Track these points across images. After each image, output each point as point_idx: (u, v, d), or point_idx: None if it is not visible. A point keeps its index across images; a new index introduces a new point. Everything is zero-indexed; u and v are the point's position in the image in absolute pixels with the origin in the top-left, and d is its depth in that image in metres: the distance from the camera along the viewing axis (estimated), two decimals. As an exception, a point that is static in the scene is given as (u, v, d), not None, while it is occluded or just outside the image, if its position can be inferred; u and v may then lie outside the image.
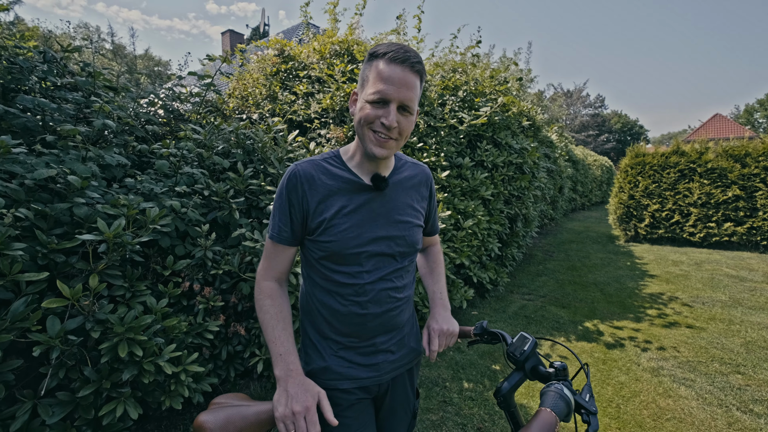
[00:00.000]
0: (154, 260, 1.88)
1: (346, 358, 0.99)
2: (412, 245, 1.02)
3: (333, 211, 0.93)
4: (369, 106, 0.87)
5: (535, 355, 0.88)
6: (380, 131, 0.87)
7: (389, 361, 1.03)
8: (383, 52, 0.85)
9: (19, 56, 2.18)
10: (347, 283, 0.95)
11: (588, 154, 15.35)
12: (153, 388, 1.66)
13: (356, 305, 0.96)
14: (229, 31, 20.61)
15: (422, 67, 0.89)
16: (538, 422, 0.65)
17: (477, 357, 3.08)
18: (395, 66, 0.84)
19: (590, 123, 37.49)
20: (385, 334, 1.02)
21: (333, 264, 0.95)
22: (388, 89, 0.84)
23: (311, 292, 1.02)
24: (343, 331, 0.99)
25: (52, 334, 1.30)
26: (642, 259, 6.68)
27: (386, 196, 0.99)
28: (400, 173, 1.04)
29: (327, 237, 0.93)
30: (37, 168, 1.48)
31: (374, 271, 0.96)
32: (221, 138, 2.53)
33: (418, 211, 1.07)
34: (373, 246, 0.96)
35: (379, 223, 0.97)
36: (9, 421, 1.29)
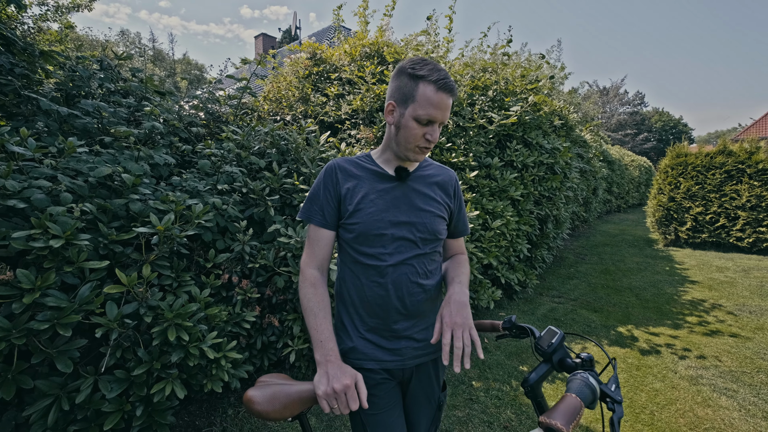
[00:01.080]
0: (197, 253, 2.01)
1: (371, 341, 1.07)
2: (434, 233, 1.09)
3: (360, 196, 1.06)
4: (415, 123, 0.99)
5: (563, 347, 0.91)
6: (425, 146, 1.02)
7: (412, 347, 1.08)
8: (432, 79, 0.95)
9: (79, 65, 2.40)
10: (371, 265, 1.05)
11: (625, 154, 14.68)
12: (196, 372, 1.79)
13: (378, 286, 1.05)
14: (262, 35, 21.26)
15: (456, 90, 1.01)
16: (563, 405, 0.67)
17: (504, 357, 3.07)
18: (443, 94, 0.96)
19: (628, 121, 35.71)
20: (408, 320, 1.08)
21: (359, 245, 1.06)
22: (438, 114, 0.97)
23: (343, 277, 1.12)
24: (367, 313, 1.07)
25: (111, 318, 1.43)
26: (682, 264, 6.34)
27: (409, 186, 1.10)
28: (424, 170, 1.15)
29: (355, 219, 1.05)
30: (97, 166, 1.64)
31: (396, 254, 1.05)
32: (257, 139, 2.66)
33: (441, 204, 1.14)
34: (395, 230, 1.05)
35: (402, 209, 1.07)
36: (74, 394, 1.44)
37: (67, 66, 2.34)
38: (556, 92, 6.04)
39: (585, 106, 15.77)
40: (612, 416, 0.72)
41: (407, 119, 0.99)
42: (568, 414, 0.65)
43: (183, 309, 1.59)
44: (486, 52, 4.36)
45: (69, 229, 1.30)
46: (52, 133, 1.90)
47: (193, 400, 2.22)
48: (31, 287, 1.20)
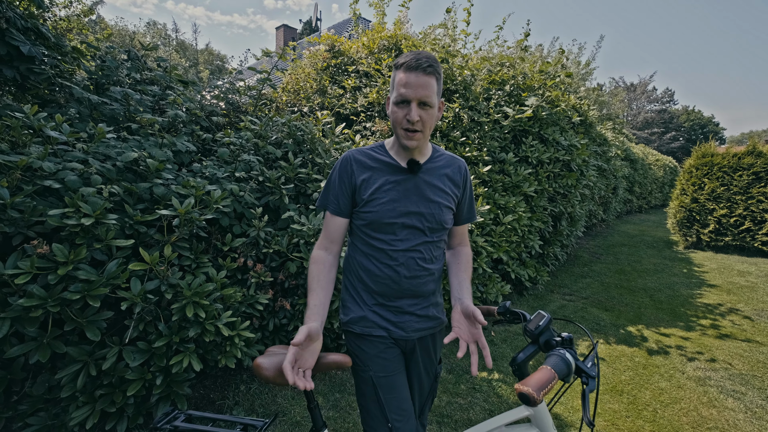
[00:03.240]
0: (215, 237, 2.12)
1: (378, 313, 1.16)
2: (441, 223, 1.16)
3: (374, 187, 1.13)
4: (395, 107, 1.06)
5: (549, 330, 0.96)
6: (407, 127, 1.05)
7: (414, 321, 1.17)
8: (402, 63, 1.04)
9: (108, 55, 2.52)
10: (383, 249, 1.13)
11: (649, 153, 14.23)
12: (212, 348, 1.90)
13: (389, 268, 1.13)
14: (283, 26, 21.39)
15: (434, 69, 1.04)
16: (537, 375, 0.74)
17: (510, 350, 3.10)
18: (411, 73, 1.02)
19: (655, 119, 34.39)
20: (411, 298, 1.16)
21: (372, 231, 1.14)
22: (407, 92, 1.02)
23: (353, 256, 1.21)
24: (375, 290, 1.16)
25: (135, 293, 1.54)
26: (702, 267, 6.18)
27: (419, 178, 1.15)
28: (435, 162, 1.20)
29: (368, 208, 1.13)
30: (125, 152, 1.75)
31: (406, 240, 1.13)
32: (275, 129, 2.74)
33: (449, 195, 1.19)
34: (406, 219, 1.12)
35: (412, 200, 1.13)
36: (101, 361, 1.56)
37: (97, 56, 2.47)
38: (581, 86, 5.91)
39: (610, 103, 15.32)
40: (584, 388, 0.78)
41: (390, 106, 1.09)
42: (540, 383, 0.72)
43: (201, 288, 1.69)
44: (503, 46, 4.32)
45: (98, 209, 1.41)
46: (83, 119, 2.03)
47: (208, 375, 2.35)
48: (65, 261, 1.31)
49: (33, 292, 1.26)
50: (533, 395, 0.72)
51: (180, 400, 1.74)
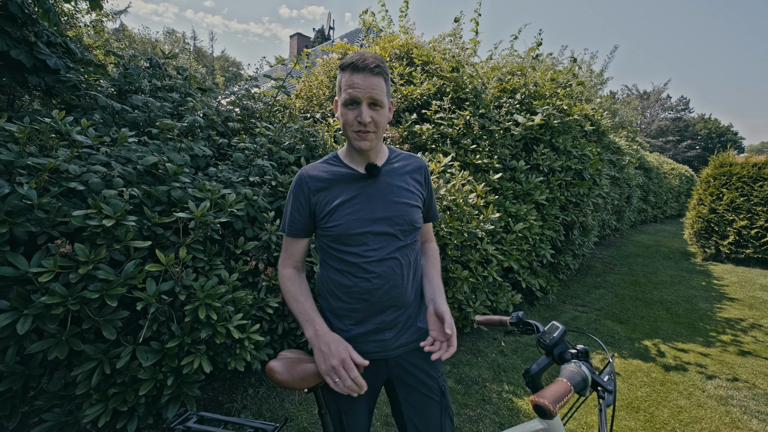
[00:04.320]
0: (228, 240, 2.15)
1: (357, 334, 1.10)
2: (412, 224, 1.12)
3: (335, 200, 1.08)
4: (345, 108, 1.03)
5: (564, 342, 0.94)
6: (359, 129, 1.02)
7: (398, 338, 1.12)
8: (347, 64, 1.01)
9: (131, 62, 2.61)
10: (356, 263, 1.08)
11: (664, 162, 13.97)
12: (222, 350, 1.92)
13: (365, 281, 1.07)
14: (297, 35, 21.80)
15: (381, 69, 1.01)
16: (552, 387, 0.73)
17: (521, 362, 3.05)
18: (358, 74, 0.99)
19: (670, 127, 33.78)
20: (393, 311, 1.11)
21: (342, 245, 1.08)
22: (355, 92, 0.99)
23: (326, 275, 1.15)
24: (354, 307, 1.10)
25: (150, 293, 1.58)
26: (721, 281, 6.00)
27: (381, 182, 1.12)
28: (393, 163, 1.17)
29: (333, 222, 1.07)
30: (145, 155, 1.80)
31: (380, 249, 1.08)
32: (288, 135, 2.79)
33: (415, 194, 1.17)
34: (375, 226, 1.08)
35: (378, 205, 1.09)
36: (115, 360, 1.60)
37: (121, 64, 2.56)
38: (594, 95, 5.87)
39: (623, 111, 15.12)
40: (600, 403, 0.76)
41: (339, 108, 1.06)
42: (556, 395, 0.70)
43: (213, 290, 1.72)
44: (515, 55, 4.33)
45: (119, 211, 1.45)
46: (107, 124, 2.10)
47: (217, 378, 2.37)
48: (86, 260, 1.35)
49: (55, 290, 1.30)
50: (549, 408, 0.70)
51: (190, 401, 1.76)
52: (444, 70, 3.88)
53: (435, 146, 3.58)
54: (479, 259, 3.15)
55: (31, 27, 2.22)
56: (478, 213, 3.11)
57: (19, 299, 1.28)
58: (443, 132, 3.60)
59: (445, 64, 3.89)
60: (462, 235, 2.94)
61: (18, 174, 1.44)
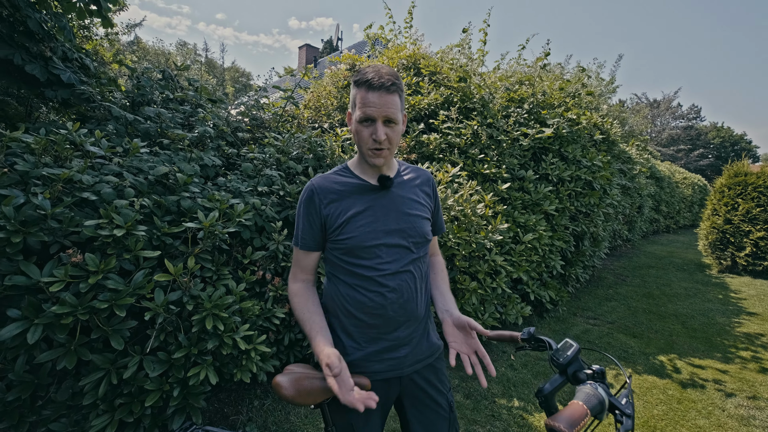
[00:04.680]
0: (236, 249, 2.16)
1: (370, 352, 1.08)
2: (423, 236, 1.12)
3: (347, 212, 1.06)
4: (360, 126, 1.02)
5: (578, 360, 0.91)
6: (374, 146, 1.02)
7: (411, 355, 1.10)
8: (363, 81, 1.00)
9: (144, 75, 2.67)
10: (369, 276, 1.05)
11: (676, 171, 13.75)
12: (228, 361, 1.91)
13: (379, 295, 1.05)
14: (306, 45, 22.20)
15: (396, 86, 1.01)
16: (568, 411, 0.69)
17: (531, 376, 2.98)
18: (374, 92, 0.98)
19: (681, 136, 33.37)
20: (407, 327, 1.09)
21: (354, 258, 1.06)
22: (371, 110, 0.99)
23: (336, 290, 1.12)
24: (367, 323, 1.07)
25: (158, 303, 1.58)
26: (739, 294, 5.83)
27: (393, 193, 1.11)
28: (404, 175, 1.18)
29: (345, 235, 1.05)
30: (156, 166, 1.82)
31: (393, 261, 1.07)
32: (296, 145, 2.81)
33: (425, 206, 1.17)
34: (388, 238, 1.06)
35: (391, 217, 1.08)
36: (122, 370, 1.59)
37: (134, 76, 2.62)
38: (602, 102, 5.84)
39: (632, 120, 14.97)
40: (619, 428, 0.72)
41: (354, 124, 1.05)
42: (572, 419, 0.67)
43: (221, 300, 1.71)
44: (523, 65, 4.33)
45: (130, 221, 1.47)
46: (120, 135, 2.14)
47: (223, 389, 2.36)
48: (96, 270, 1.36)
49: (65, 300, 1.31)
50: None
51: (195, 413, 1.74)
52: (451, 80, 3.89)
53: (442, 156, 3.58)
54: (488, 270, 3.11)
55: (48, 43, 2.29)
56: (486, 223, 3.08)
57: (31, 308, 1.29)
58: (451, 142, 3.60)
59: (453, 74, 3.91)
60: (470, 246, 2.91)
61: (33, 184, 1.47)
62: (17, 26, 2.21)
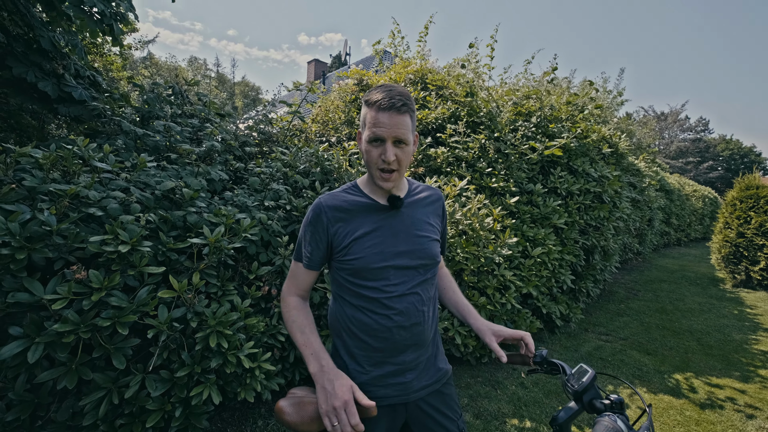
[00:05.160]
0: (242, 264, 2.13)
1: (375, 376, 1.04)
2: (432, 257, 1.09)
3: (355, 232, 1.03)
4: (369, 145, 1.00)
5: (594, 387, 0.87)
6: (383, 167, 1.00)
7: (418, 380, 1.07)
8: (373, 100, 0.98)
9: (152, 92, 2.71)
10: (375, 298, 1.02)
11: (686, 183, 13.59)
12: (232, 379, 1.87)
13: (385, 318, 1.02)
14: (314, 60, 22.59)
15: (408, 107, 0.99)
16: None
17: (542, 395, 2.88)
18: (385, 112, 0.96)
19: (690, 149, 33.15)
20: (414, 351, 1.06)
21: (361, 280, 1.03)
22: (381, 131, 0.97)
23: (341, 311, 1.09)
24: (373, 347, 1.04)
25: (162, 320, 1.55)
26: (755, 309, 5.66)
27: (403, 214, 1.09)
28: (414, 195, 1.15)
29: (352, 255, 1.02)
30: (163, 180, 1.82)
31: (401, 284, 1.04)
32: (303, 159, 2.81)
33: (434, 227, 1.14)
34: (397, 260, 1.03)
35: (400, 239, 1.05)
36: (124, 389, 1.56)
37: (144, 92, 2.66)
38: (611, 118, 5.82)
39: (640, 133, 14.89)
40: None
41: (363, 143, 1.02)
42: None
43: (225, 317, 1.68)
44: (530, 79, 4.34)
45: (135, 237, 1.46)
46: (129, 149, 2.15)
47: (226, 408, 2.30)
48: (99, 287, 1.34)
49: (68, 318, 1.29)
50: None
51: (198, 433, 1.70)
52: (458, 95, 3.90)
53: (450, 170, 3.56)
54: (497, 286, 3.05)
55: (61, 60, 2.34)
56: (494, 238, 3.03)
57: (32, 326, 1.27)
58: (458, 155, 3.58)
59: (460, 89, 3.92)
60: (479, 261, 2.86)
61: (40, 200, 1.47)
62: (31, 44, 2.26)
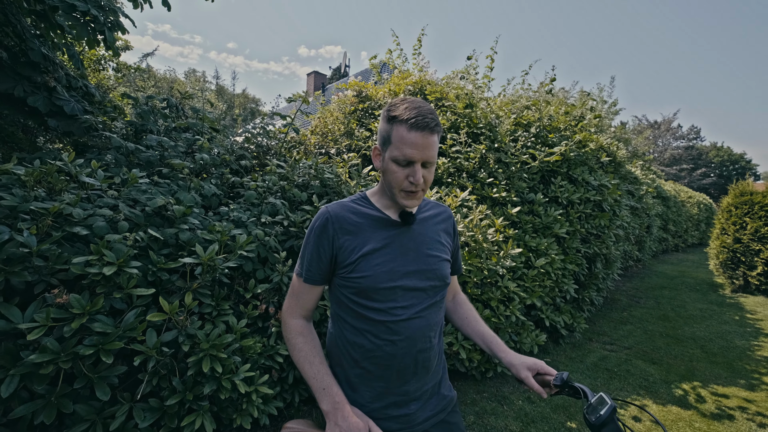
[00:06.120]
0: (238, 282, 2.04)
1: (376, 409, 0.96)
2: (443, 279, 1.02)
3: (364, 248, 0.95)
4: (395, 166, 0.92)
5: (614, 421, 0.79)
6: (410, 189, 0.93)
7: (423, 410, 1.00)
8: (404, 118, 0.89)
9: (145, 105, 2.64)
10: (380, 321, 0.94)
11: (681, 190, 13.69)
12: (227, 405, 1.77)
13: (391, 344, 0.94)
14: (314, 72, 22.67)
15: (438, 126, 0.92)
16: None
17: (550, 410, 2.79)
18: (417, 132, 0.88)
19: (683, 156, 33.64)
20: (418, 379, 0.99)
21: (366, 300, 0.95)
22: (413, 153, 0.89)
23: (341, 334, 1.01)
24: (375, 375, 0.96)
25: (150, 345, 1.45)
26: (755, 314, 5.62)
27: (414, 231, 1.02)
28: (425, 212, 1.08)
29: (359, 273, 0.94)
30: (154, 197, 1.74)
31: (410, 306, 0.96)
32: (302, 172, 2.75)
33: (445, 246, 1.08)
34: (406, 280, 0.96)
35: (410, 257, 0.98)
36: (109, 420, 1.45)
37: (138, 103, 2.59)
38: (605, 126, 5.86)
39: (635, 141, 15.06)
40: None
41: (387, 162, 0.94)
42: None
43: (219, 339, 1.59)
44: (528, 90, 4.34)
45: (122, 257, 1.37)
46: (119, 164, 2.07)
47: (222, 433, 2.18)
48: (81, 312, 1.25)
49: (47, 346, 1.19)
50: None
51: (190, 465, 1.58)
52: (457, 107, 3.88)
53: (451, 180, 3.51)
54: (501, 297, 2.97)
55: (53, 73, 2.27)
56: (497, 249, 2.97)
57: (8, 356, 1.17)
58: (459, 165, 3.54)
59: (459, 101, 3.90)
60: (482, 273, 2.79)
61: (21, 219, 1.38)
62: (20, 57, 2.20)
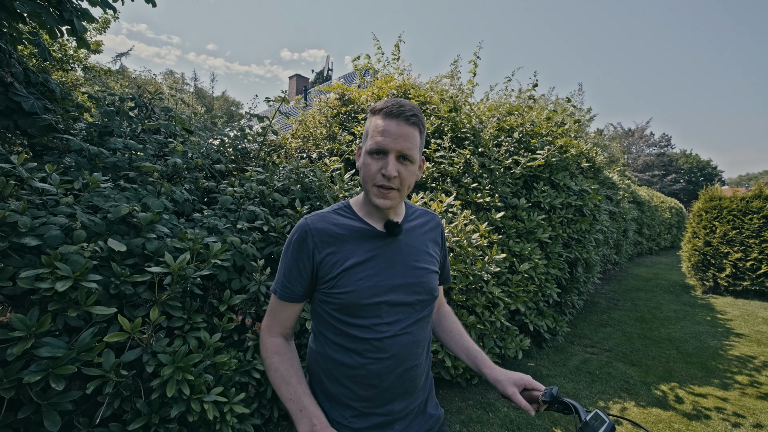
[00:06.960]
0: (211, 293, 1.92)
1: (358, 429, 0.90)
2: (431, 292, 0.97)
3: (346, 261, 0.89)
4: (369, 157, 0.88)
5: None
6: (382, 183, 0.87)
7: (407, 429, 0.94)
8: (380, 108, 0.87)
9: (110, 106, 2.48)
10: (364, 338, 0.89)
11: (654, 195, 14.21)
12: (199, 425, 1.64)
13: (375, 362, 0.89)
14: (296, 76, 22.41)
15: (418, 119, 0.88)
16: None
17: (535, 417, 2.76)
18: (391, 120, 0.86)
19: (655, 162, 35.05)
20: (404, 398, 0.93)
21: (349, 317, 0.89)
22: (386, 141, 0.85)
23: (322, 351, 0.95)
24: (358, 394, 0.90)
25: (107, 368, 1.31)
26: (725, 315, 5.83)
27: (401, 242, 0.96)
28: (412, 220, 1.02)
29: (341, 288, 0.88)
30: (117, 204, 1.61)
31: (395, 323, 0.91)
32: (282, 176, 2.64)
33: (433, 257, 1.02)
34: (392, 295, 0.90)
35: (396, 271, 0.92)
36: (66, 450, 1.31)
37: (102, 105, 2.43)
38: (583, 134, 5.98)
39: (611, 147, 15.58)
40: None
41: (362, 156, 0.91)
42: None
43: (185, 360, 1.46)
44: (511, 95, 4.38)
45: (79, 270, 1.24)
46: (80, 167, 1.92)
47: (194, 455, 2.04)
48: (26, 333, 1.11)
49: (-14, 373, 1.06)
50: None
51: (156, 496, 1.46)
52: (441, 111, 3.86)
53: (435, 185, 3.47)
54: (485, 303, 2.94)
55: (8, 67, 2.09)
56: (482, 254, 2.94)
57: (-59, 386, 1.03)
58: (443, 170, 3.51)
59: (443, 105, 3.88)
60: (467, 278, 2.75)
61: (-38, 228, 1.24)
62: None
